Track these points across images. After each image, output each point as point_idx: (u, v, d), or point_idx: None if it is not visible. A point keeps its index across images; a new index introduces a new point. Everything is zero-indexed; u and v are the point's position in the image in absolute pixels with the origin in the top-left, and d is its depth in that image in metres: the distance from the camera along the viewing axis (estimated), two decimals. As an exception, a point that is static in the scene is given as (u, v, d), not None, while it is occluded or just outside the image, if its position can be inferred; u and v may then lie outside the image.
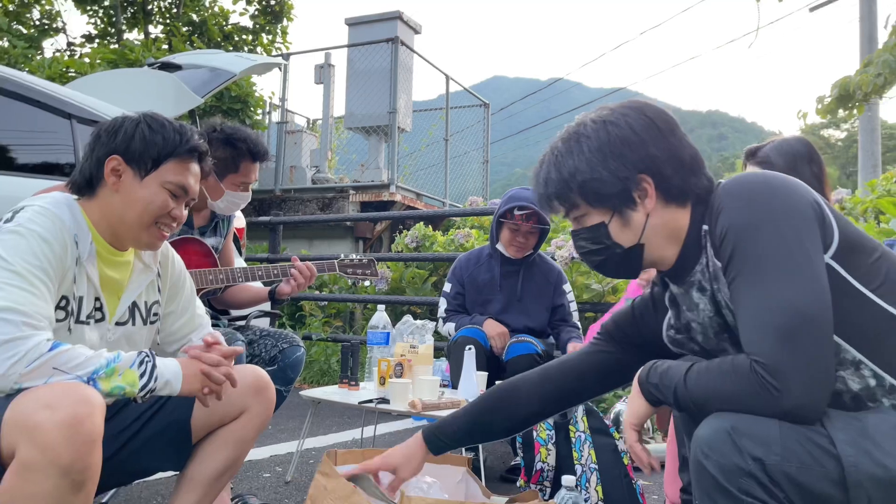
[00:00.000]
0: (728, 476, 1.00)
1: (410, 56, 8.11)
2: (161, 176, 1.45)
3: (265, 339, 2.38)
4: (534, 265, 3.03)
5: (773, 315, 1.03)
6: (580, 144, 1.23)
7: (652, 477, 2.81)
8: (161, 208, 1.45)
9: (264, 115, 9.01)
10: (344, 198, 7.38)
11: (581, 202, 1.25)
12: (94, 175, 1.45)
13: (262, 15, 12.38)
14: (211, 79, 4.09)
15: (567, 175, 1.24)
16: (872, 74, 5.55)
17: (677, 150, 1.22)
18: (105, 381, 1.28)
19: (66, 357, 1.25)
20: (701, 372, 1.11)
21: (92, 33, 12.30)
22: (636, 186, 1.21)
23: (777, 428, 1.01)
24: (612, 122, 1.22)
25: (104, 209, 1.45)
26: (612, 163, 1.20)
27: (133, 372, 1.31)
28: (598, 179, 1.21)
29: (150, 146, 1.44)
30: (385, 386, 2.52)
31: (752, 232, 1.08)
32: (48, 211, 1.37)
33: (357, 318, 6.17)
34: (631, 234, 1.24)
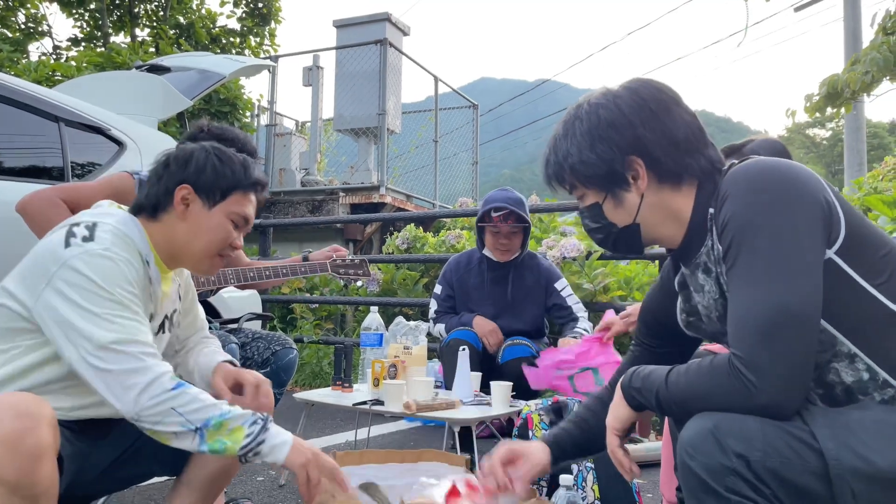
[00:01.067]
0: (714, 475, 1.00)
1: (399, 58, 8.11)
2: (227, 207, 1.50)
3: (258, 341, 2.37)
4: (523, 267, 3.03)
5: (759, 311, 1.03)
6: (573, 127, 1.25)
7: (648, 476, 2.81)
8: (225, 238, 1.50)
9: (253, 118, 8.98)
10: (334, 200, 7.36)
11: (576, 183, 1.28)
12: (161, 201, 1.48)
13: (249, 17, 12.34)
14: (199, 81, 4.07)
15: (561, 158, 1.27)
16: (860, 72, 5.59)
17: (670, 131, 1.21)
18: (211, 434, 1.28)
19: (186, 399, 1.27)
20: (680, 373, 1.12)
21: (78, 37, 12.21)
22: (627, 168, 1.22)
23: (758, 424, 1.01)
24: (603, 104, 1.23)
25: (168, 234, 1.48)
26: (599, 146, 1.22)
27: (241, 430, 1.29)
28: (585, 162, 1.23)
29: (221, 178, 1.49)
30: (379, 387, 2.51)
31: (751, 225, 1.07)
32: (125, 234, 1.40)
33: (348, 321, 6.15)
34: (625, 214, 1.25)
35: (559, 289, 3.01)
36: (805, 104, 5.97)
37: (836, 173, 31.40)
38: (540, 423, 2.09)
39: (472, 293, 3.01)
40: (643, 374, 1.18)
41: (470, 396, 2.54)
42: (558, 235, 5.02)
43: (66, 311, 1.26)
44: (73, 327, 1.26)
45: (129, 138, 3.22)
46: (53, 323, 1.27)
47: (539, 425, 2.08)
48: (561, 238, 4.60)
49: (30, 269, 1.33)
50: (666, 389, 1.12)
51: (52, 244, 1.33)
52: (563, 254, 4.20)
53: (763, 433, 1.00)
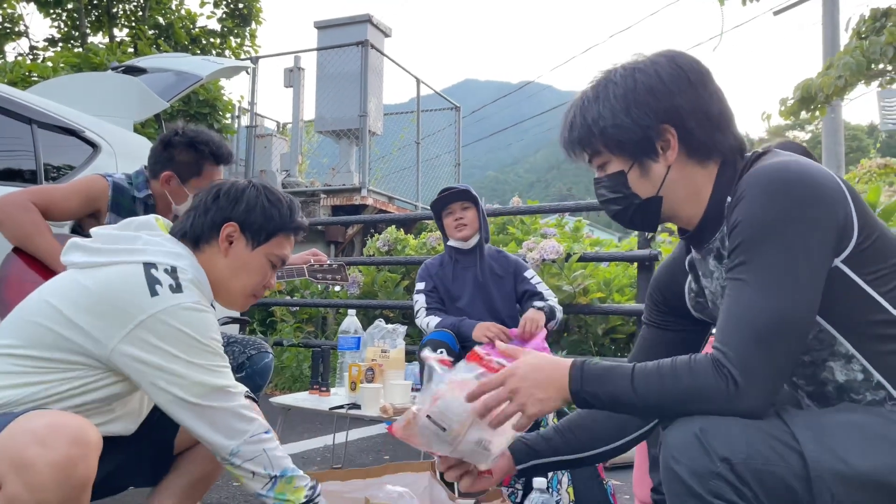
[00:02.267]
0: (699, 480, 1.00)
1: (381, 59, 8.09)
2: (269, 248, 1.51)
3: (233, 345, 2.35)
4: (490, 257, 3.09)
5: (759, 316, 1.03)
6: (607, 90, 1.21)
7: (623, 477, 2.83)
8: (263, 279, 1.53)
9: (233, 120, 8.92)
10: (315, 202, 7.33)
11: (603, 149, 1.23)
12: (204, 234, 1.48)
13: (229, 18, 12.26)
14: (177, 82, 4.03)
15: (591, 121, 1.22)
16: (834, 76, 5.66)
17: (705, 104, 1.18)
18: (282, 486, 1.36)
19: (274, 444, 1.38)
20: (650, 374, 1.09)
21: (55, 37, 12.06)
22: (658, 136, 1.19)
23: (742, 428, 1.01)
24: (641, 69, 1.20)
25: (208, 268, 1.47)
26: (635, 110, 1.18)
27: (303, 490, 1.38)
28: (619, 126, 1.19)
29: (268, 220, 1.50)
30: (356, 391, 2.50)
31: (764, 231, 1.05)
32: (200, 283, 1.41)
33: (329, 323, 6.12)
34: (649, 185, 1.22)
35: (528, 277, 3.08)
36: (780, 108, 6.04)
37: (815, 175, 31.67)
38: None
39: (451, 286, 3.05)
40: (596, 375, 1.13)
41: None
42: (539, 237, 5.04)
43: (164, 361, 1.29)
44: (175, 373, 1.29)
45: (103, 140, 3.18)
46: (145, 367, 1.29)
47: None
48: (541, 240, 4.61)
49: (105, 308, 1.28)
50: (633, 392, 1.09)
51: (133, 287, 1.30)
52: (543, 256, 4.21)
53: (746, 436, 1.00)
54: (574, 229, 6.11)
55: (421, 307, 3.03)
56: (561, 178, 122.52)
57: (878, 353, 1.09)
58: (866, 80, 5.97)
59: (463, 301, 3.02)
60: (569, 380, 1.14)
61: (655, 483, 1.89)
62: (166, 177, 2.28)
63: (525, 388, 1.15)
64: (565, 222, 6.30)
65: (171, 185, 2.31)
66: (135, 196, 2.29)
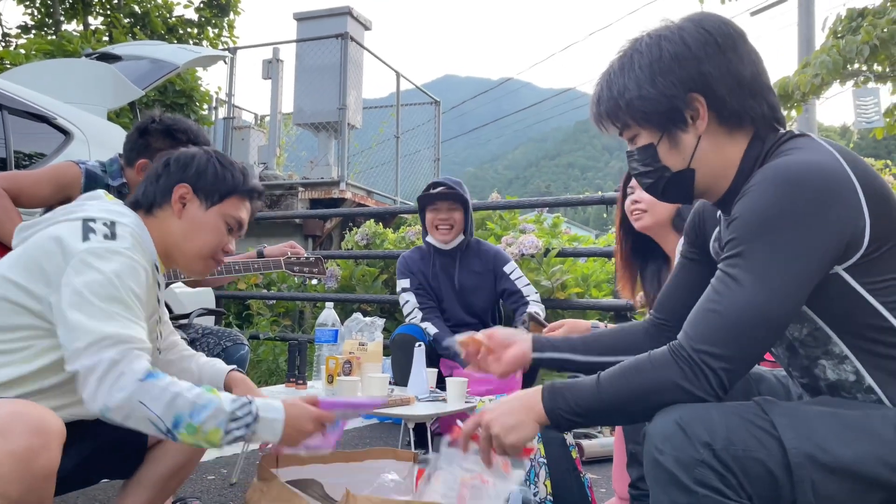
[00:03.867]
0: (684, 468, 0.99)
1: (360, 52, 8.04)
2: (224, 209, 1.52)
3: (207, 337, 2.32)
4: (470, 254, 3.03)
5: (741, 309, 1.02)
6: (632, 61, 1.17)
7: (600, 471, 2.84)
8: (219, 240, 1.52)
9: (210, 111, 8.82)
10: (293, 195, 7.27)
11: (631, 122, 1.20)
12: (157, 199, 1.49)
13: (207, 8, 12.10)
14: (152, 71, 3.97)
15: (616, 93, 1.18)
16: (810, 75, 5.73)
17: (736, 68, 1.13)
18: (185, 437, 1.21)
19: (155, 392, 1.19)
20: (614, 374, 1.10)
21: (28, 24, 11.82)
22: (687, 106, 1.14)
23: (720, 414, 1.02)
24: (666, 36, 1.15)
25: (162, 231, 1.48)
26: (661, 80, 1.14)
27: (216, 432, 1.22)
28: (644, 98, 1.15)
29: (220, 181, 1.52)
30: (333, 384, 2.47)
31: (758, 228, 1.04)
32: (141, 238, 1.39)
33: (306, 317, 6.08)
34: (679, 158, 1.18)
35: (508, 272, 3.02)
36: (757, 106, 6.10)
37: (789, 175, 32.23)
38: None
39: (433, 284, 3.02)
40: (566, 387, 1.13)
41: (425, 393, 2.52)
42: (518, 233, 5.04)
43: (71, 298, 1.22)
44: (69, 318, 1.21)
45: (76, 128, 3.12)
46: (58, 310, 1.23)
47: (493, 421, 2.08)
48: (520, 235, 4.61)
49: (40, 262, 1.27)
50: (598, 395, 1.10)
51: (68, 238, 1.28)
52: (522, 251, 4.22)
53: (726, 422, 1.00)
54: (552, 225, 6.12)
55: (413, 308, 2.97)
56: (539, 175, 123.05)
57: (872, 358, 1.08)
58: (842, 80, 6.05)
59: (443, 303, 3.00)
60: (541, 400, 1.14)
61: (633, 478, 1.89)
62: (142, 165, 2.24)
63: (497, 419, 1.16)
64: (544, 218, 6.32)
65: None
66: (109, 184, 2.25)
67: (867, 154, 14.22)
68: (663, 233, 2.15)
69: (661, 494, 1.03)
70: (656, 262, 2.20)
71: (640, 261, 2.24)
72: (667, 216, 2.12)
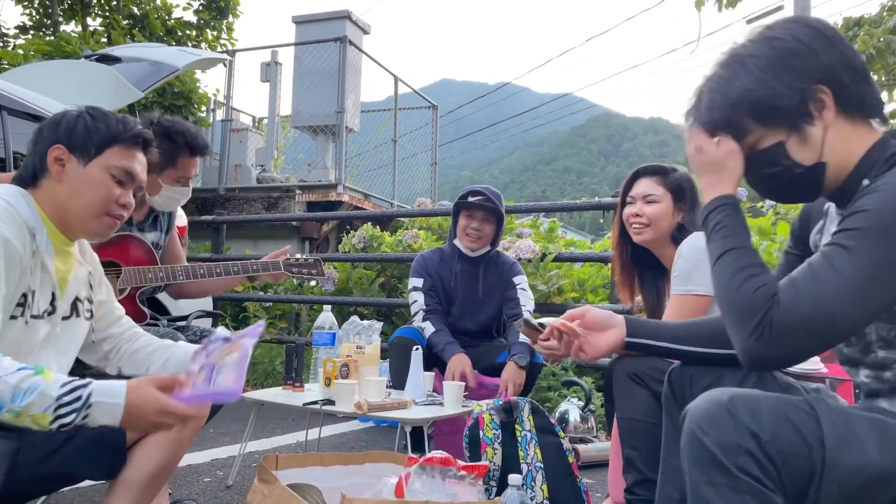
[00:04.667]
0: (727, 453, 1.00)
1: (359, 56, 8.05)
2: (105, 161, 1.46)
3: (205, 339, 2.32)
4: (491, 263, 3.05)
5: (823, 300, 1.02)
6: (745, 65, 1.18)
7: (596, 475, 2.85)
8: (107, 194, 1.46)
9: (209, 113, 8.82)
10: (290, 197, 7.27)
11: (753, 124, 1.19)
12: (37, 168, 1.44)
13: (206, 10, 12.09)
14: (152, 73, 3.97)
15: (736, 98, 1.18)
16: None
17: (848, 58, 1.16)
18: (10, 420, 1.19)
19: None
20: (725, 262, 1.13)
21: (27, 24, 11.80)
22: (813, 98, 1.15)
23: (770, 404, 1.03)
24: (776, 37, 1.18)
25: (50, 199, 1.44)
26: (786, 76, 1.15)
27: (43, 417, 1.20)
28: (773, 94, 1.16)
29: (93, 133, 1.45)
30: (330, 387, 2.48)
31: (883, 229, 1.03)
32: (7, 205, 1.35)
33: (303, 320, 6.08)
34: (810, 152, 1.18)
35: (517, 283, 3.04)
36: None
37: (785, 182, 32.21)
38: (491, 422, 2.09)
39: (447, 285, 3.02)
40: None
41: (422, 396, 2.53)
42: (514, 237, 5.06)
43: None
44: None
45: (75, 129, 3.12)
46: None
47: (490, 425, 2.09)
48: (517, 240, 4.63)
49: None
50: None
51: None
52: (519, 255, 4.23)
53: (775, 415, 1.02)
54: (549, 230, 6.14)
55: (420, 309, 2.97)
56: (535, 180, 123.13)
57: None
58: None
59: (454, 308, 3.00)
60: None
61: (629, 483, 1.90)
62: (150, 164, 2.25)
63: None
64: (540, 223, 6.34)
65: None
66: (107, 185, 2.25)
67: (862, 162, 14.28)
68: (662, 245, 2.17)
69: (698, 473, 1.04)
70: (654, 270, 2.22)
71: (640, 267, 2.25)
72: (668, 230, 2.14)
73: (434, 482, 1.34)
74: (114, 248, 2.27)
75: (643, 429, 1.89)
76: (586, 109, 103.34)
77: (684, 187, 2.16)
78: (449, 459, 1.49)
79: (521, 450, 2.07)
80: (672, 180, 2.17)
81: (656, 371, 1.92)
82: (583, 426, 3.28)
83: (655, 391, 1.91)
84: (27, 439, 1.37)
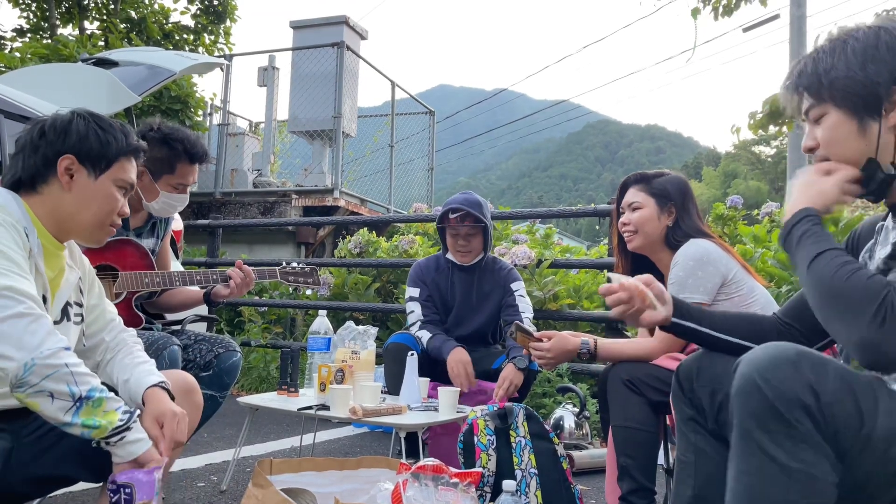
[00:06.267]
0: (785, 403, 1.01)
1: (356, 61, 8.07)
2: (113, 174, 1.49)
3: (200, 343, 2.32)
4: (486, 270, 3.05)
5: None
6: (846, 45, 1.21)
7: (590, 482, 2.85)
8: (113, 206, 1.50)
9: (205, 117, 8.82)
10: (286, 202, 7.27)
11: (827, 99, 1.22)
12: (38, 172, 1.43)
13: (204, 14, 12.12)
14: (149, 77, 3.97)
15: (822, 70, 1.22)
16: (802, 93, 5.77)
17: None
18: (88, 410, 1.22)
19: (76, 360, 1.22)
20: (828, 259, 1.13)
21: (24, 27, 11.81)
22: (888, 96, 1.18)
23: (836, 369, 1.04)
24: (887, 28, 1.20)
25: (52, 207, 1.44)
26: (872, 66, 1.18)
27: (115, 414, 1.25)
28: (851, 79, 1.19)
29: (106, 146, 1.47)
30: (325, 392, 2.48)
31: None
32: (2, 206, 1.35)
33: (298, 325, 6.07)
34: (865, 144, 1.20)
35: (515, 290, 3.03)
36: (749, 122, 6.14)
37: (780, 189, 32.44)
38: (485, 428, 2.09)
39: (444, 294, 3.03)
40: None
41: (417, 402, 2.53)
42: (510, 243, 5.06)
43: None
44: None
45: (72, 133, 3.12)
46: None
47: (484, 431, 2.09)
48: (513, 246, 4.64)
49: None
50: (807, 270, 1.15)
51: None
52: (514, 261, 4.24)
53: (839, 380, 1.03)
54: (544, 236, 6.16)
55: (417, 319, 2.97)
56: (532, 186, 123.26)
57: None
58: (832, 98, 6.08)
59: (451, 316, 3.01)
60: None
61: (624, 491, 1.91)
62: (138, 172, 2.24)
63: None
64: (536, 229, 6.35)
65: (143, 181, 2.28)
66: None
67: (857, 170, 14.35)
68: (656, 251, 2.18)
69: (750, 420, 1.04)
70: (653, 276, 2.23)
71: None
72: (658, 234, 2.15)
73: (427, 490, 1.34)
74: (111, 253, 2.27)
75: (638, 437, 1.90)
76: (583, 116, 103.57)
77: (669, 190, 2.18)
78: (441, 467, 1.50)
79: (515, 456, 2.07)
80: (655, 185, 2.19)
81: (651, 378, 1.93)
82: (577, 432, 3.28)
83: (651, 399, 1.92)
84: (20, 440, 1.37)
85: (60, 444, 1.44)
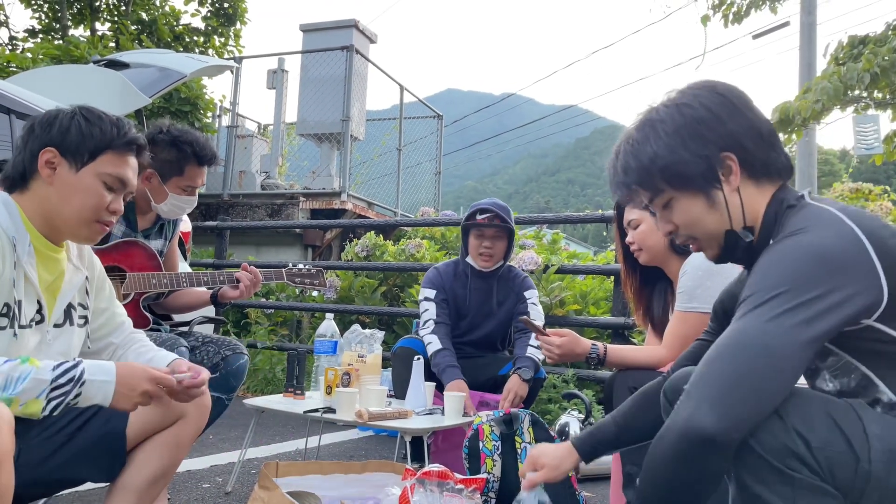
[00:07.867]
0: (776, 455, 1.02)
1: (365, 65, 8.09)
2: (98, 168, 1.44)
3: (207, 345, 2.33)
4: (503, 278, 3.03)
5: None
6: (655, 130, 1.21)
7: (595, 489, 2.84)
8: (98, 202, 1.44)
9: (214, 119, 8.86)
10: (294, 204, 7.29)
11: (666, 187, 1.23)
12: (27, 168, 1.42)
13: (214, 17, 12.18)
14: (160, 79, 3.99)
15: (647, 161, 1.22)
16: (811, 100, 5.77)
17: (755, 124, 1.20)
18: (14, 409, 1.20)
19: None
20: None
21: (35, 28, 11.89)
22: (720, 164, 1.19)
23: (818, 408, 1.04)
24: (685, 103, 1.21)
25: (39, 203, 1.42)
26: (692, 143, 1.18)
27: (38, 402, 1.23)
28: (680, 162, 1.19)
29: (87, 138, 1.42)
30: (331, 395, 2.48)
31: (781, 285, 1.06)
32: None
33: (304, 327, 6.08)
34: (718, 215, 1.21)
35: (528, 298, 3.02)
36: (758, 129, 6.13)
37: (788, 197, 32.25)
38: (490, 433, 2.09)
39: (459, 300, 3.01)
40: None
41: (423, 406, 2.53)
42: (517, 248, 5.06)
43: None
44: None
45: (83, 134, 3.14)
46: None
47: (490, 436, 2.09)
48: (519, 251, 4.63)
49: None
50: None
51: None
52: (522, 266, 4.23)
53: (824, 420, 1.03)
54: (551, 241, 6.15)
55: (430, 318, 2.93)
56: (539, 191, 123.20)
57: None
58: (842, 106, 6.09)
59: (465, 322, 2.99)
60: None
61: (629, 500, 1.90)
62: (147, 174, 2.26)
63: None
64: (543, 234, 6.34)
65: (152, 183, 2.30)
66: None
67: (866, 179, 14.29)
68: (665, 261, 2.18)
69: (746, 474, 1.04)
70: (665, 281, 2.23)
71: (650, 288, 2.27)
72: (661, 246, 2.15)
73: (433, 496, 1.34)
74: (119, 254, 2.29)
75: (644, 444, 1.90)
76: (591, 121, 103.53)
77: None
78: (446, 473, 1.50)
79: (520, 462, 2.07)
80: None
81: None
82: (583, 439, 3.27)
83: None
84: (27, 441, 1.37)
85: (69, 446, 1.45)
